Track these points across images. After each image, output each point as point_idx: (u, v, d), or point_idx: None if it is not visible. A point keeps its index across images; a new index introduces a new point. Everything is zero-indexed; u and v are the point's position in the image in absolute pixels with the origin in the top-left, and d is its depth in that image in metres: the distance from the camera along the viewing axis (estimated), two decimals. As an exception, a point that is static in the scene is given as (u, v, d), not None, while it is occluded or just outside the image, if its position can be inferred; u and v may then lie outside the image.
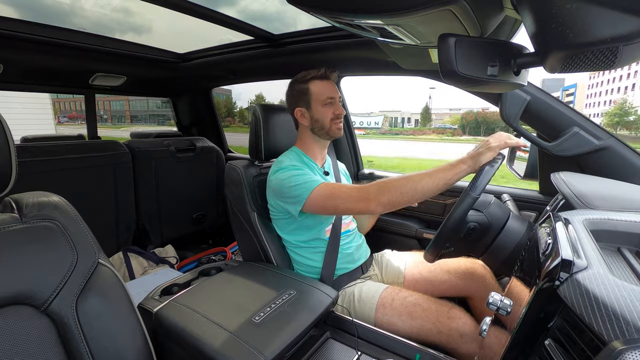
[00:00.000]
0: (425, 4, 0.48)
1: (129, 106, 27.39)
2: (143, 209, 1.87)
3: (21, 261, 0.52)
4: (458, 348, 0.90)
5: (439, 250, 0.88)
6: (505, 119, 1.01)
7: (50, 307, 0.52)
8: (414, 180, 0.88)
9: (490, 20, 0.60)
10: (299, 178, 1.00)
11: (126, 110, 27.62)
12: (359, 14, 0.55)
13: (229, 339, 0.71)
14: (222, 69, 1.91)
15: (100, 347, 0.55)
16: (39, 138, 1.92)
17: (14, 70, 1.56)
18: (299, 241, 1.14)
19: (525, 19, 0.46)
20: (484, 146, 0.88)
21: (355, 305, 1.05)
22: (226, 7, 1.28)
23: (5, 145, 0.54)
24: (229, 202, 1.23)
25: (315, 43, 1.42)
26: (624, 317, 0.34)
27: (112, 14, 1.39)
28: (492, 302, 0.57)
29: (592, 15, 0.36)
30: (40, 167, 1.44)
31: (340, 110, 1.12)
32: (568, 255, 0.44)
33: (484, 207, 0.91)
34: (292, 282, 0.95)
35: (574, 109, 0.98)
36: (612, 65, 0.40)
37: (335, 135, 1.14)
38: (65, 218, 0.59)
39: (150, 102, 26.47)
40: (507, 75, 0.52)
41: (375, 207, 0.89)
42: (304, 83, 1.12)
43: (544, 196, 1.24)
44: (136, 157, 1.80)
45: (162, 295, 0.97)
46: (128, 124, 26.99)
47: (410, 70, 1.23)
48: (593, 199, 0.71)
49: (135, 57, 1.77)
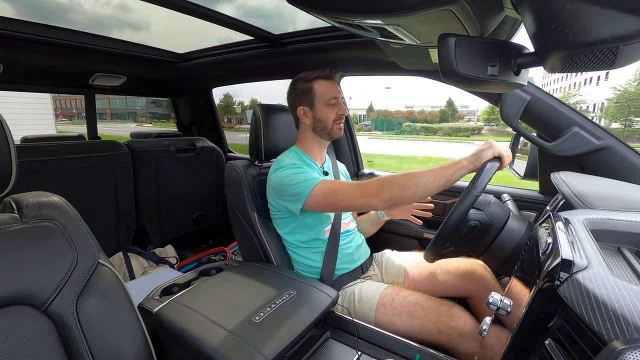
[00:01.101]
0: (425, 4, 0.48)
1: (109, 104, 29.81)
2: (143, 209, 1.87)
3: (21, 261, 0.52)
4: (458, 347, 0.90)
5: (439, 250, 0.88)
6: (505, 119, 1.01)
7: (50, 307, 0.52)
8: (416, 177, 0.88)
9: (490, 20, 0.60)
10: (300, 176, 1.00)
11: (107, 108, 30.00)
12: (359, 14, 0.55)
13: (229, 339, 0.71)
14: (222, 69, 1.91)
15: (100, 347, 0.55)
16: (39, 138, 1.92)
17: (13, 70, 1.56)
18: (298, 241, 1.14)
19: (525, 19, 0.46)
20: (485, 145, 0.88)
21: (355, 305, 1.05)
22: (224, 4, 1.28)
23: (5, 145, 0.54)
24: (229, 202, 1.23)
25: (315, 43, 1.42)
26: (624, 317, 0.34)
27: (109, 11, 1.39)
28: (492, 302, 0.57)
29: (592, 15, 0.36)
30: (40, 167, 1.44)
31: (343, 110, 1.12)
32: (568, 255, 0.44)
33: (485, 206, 0.91)
34: (292, 282, 0.95)
35: (574, 109, 0.98)
36: (612, 65, 0.40)
37: (336, 135, 1.14)
38: (65, 218, 0.59)
39: (128, 100, 29.07)
40: (507, 75, 0.52)
41: (376, 203, 0.89)
42: (308, 82, 1.12)
43: (544, 196, 1.24)
44: (136, 157, 1.80)
45: (162, 295, 0.97)
46: (108, 121, 29.73)
47: (410, 70, 1.23)
48: (593, 198, 0.71)
49: (135, 57, 1.77)
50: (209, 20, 1.31)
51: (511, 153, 0.91)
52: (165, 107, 32.73)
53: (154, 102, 26.29)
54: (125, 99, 27.30)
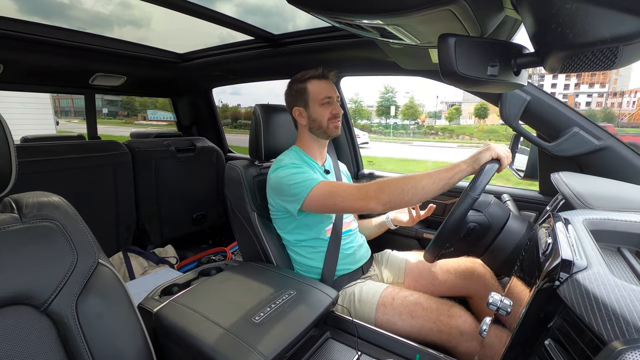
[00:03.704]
0: (425, 4, 0.48)
1: (72, 104, 32.85)
2: (143, 209, 1.87)
3: (21, 261, 0.52)
4: (458, 346, 0.90)
5: (438, 250, 0.88)
6: (505, 119, 1.01)
7: (50, 307, 0.52)
8: (415, 180, 0.87)
9: (490, 20, 0.60)
10: (298, 176, 1.00)
11: (70, 106, 33.29)
12: (359, 14, 0.55)
13: (228, 339, 0.71)
14: (222, 69, 1.91)
15: (100, 347, 0.55)
16: (39, 138, 1.91)
17: (14, 70, 1.56)
18: (299, 240, 1.14)
19: (525, 19, 0.46)
20: (483, 147, 0.88)
21: (355, 305, 1.05)
22: (224, 3, 1.27)
23: (5, 145, 0.54)
24: (229, 202, 1.23)
25: (315, 43, 1.42)
26: (624, 317, 0.34)
27: (110, 9, 1.39)
28: (492, 302, 0.57)
29: (592, 15, 0.36)
30: (40, 167, 1.44)
31: (337, 109, 1.12)
32: (568, 255, 0.44)
33: (484, 207, 0.91)
34: (292, 282, 0.95)
35: (574, 109, 0.98)
36: (612, 65, 0.40)
37: (332, 134, 1.14)
38: (65, 218, 0.59)
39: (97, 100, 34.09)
40: (507, 75, 0.52)
41: (375, 206, 0.89)
42: (302, 83, 1.12)
43: (544, 196, 1.24)
44: (136, 157, 1.80)
45: (162, 295, 0.97)
46: (72, 117, 32.11)
47: (410, 70, 1.23)
48: (593, 199, 0.71)
49: (135, 57, 1.77)
50: (209, 20, 1.31)
51: (511, 154, 0.91)
52: (119, 106, 35.70)
53: (110, 102, 32.48)
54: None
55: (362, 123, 36.88)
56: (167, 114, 34.44)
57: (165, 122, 30.16)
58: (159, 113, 34.25)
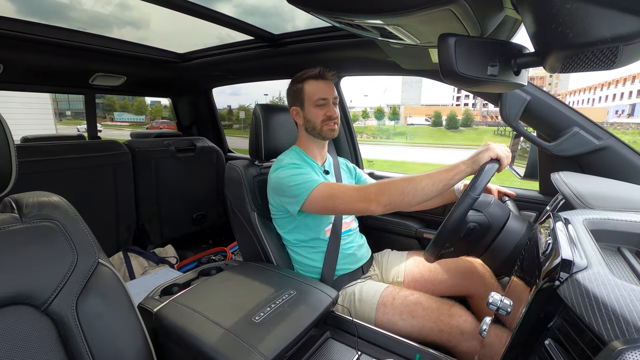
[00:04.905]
0: (425, 4, 0.48)
1: (57, 106, 34.37)
2: (143, 209, 1.87)
3: (21, 261, 0.52)
4: (459, 345, 0.90)
5: (438, 250, 0.88)
6: (505, 119, 1.00)
7: (50, 307, 0.52)
8: (415, 181, 0.87)
9: (490, 20, 0.60)
10: (299, 177, 1.00)
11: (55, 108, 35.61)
12: (359, 14, 0.55)
13: (229, 338, 0.71)
14: (222, 69, 1.91)
15: (100, 347, 0.55)
16: (39, 138, 1.92)
17: (14, 70, 1.56)
18: (298, 240, 1.14)
19: (525, 19, 0.46)
20: (483, 147, 0.88)
21: (355, 305, 1.05)
22: (223, 3, 1.27)
23: (5, 145, 0.54)
24: (229, 202, 1.23)
25: (315, 43, 1.42)
26: (624, 317, 0.34)
27: (109, 9, 1.39)
28: (492, 302, 0.57)
29: (592, 15, 0.36)
30: (40, 167, 1.44)
31: (332, 112, 1.10)
32: (568, 255, 0.44)
33: (484, 207, 0.91)
34: (292, 282, 0.95)
35: (574, 109, 0.98)
36: (612, 65, 0.40)
37: (327, 136, 1.13)
38: (65, 218, 0.59)
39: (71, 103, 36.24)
40: (507, 75, 0.52)
41: (375, 208, 0.89)
42: (300, 82, 1.12)
43: (544, 196, 1.24)
44: (136, 157, 1.80)
45: (162, 295, 0.98)
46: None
47: (410, 70, 1.23)
48: (593, 198, 0.71)
49: (135, 57, 1.77)
50: (209, 20, 1.31)
51: (510, 154, 0.91)
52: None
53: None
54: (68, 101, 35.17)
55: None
56: (131, 116, 39.79)
57: (128, 123, 35.52)
58: (125, 115, 38.79)
